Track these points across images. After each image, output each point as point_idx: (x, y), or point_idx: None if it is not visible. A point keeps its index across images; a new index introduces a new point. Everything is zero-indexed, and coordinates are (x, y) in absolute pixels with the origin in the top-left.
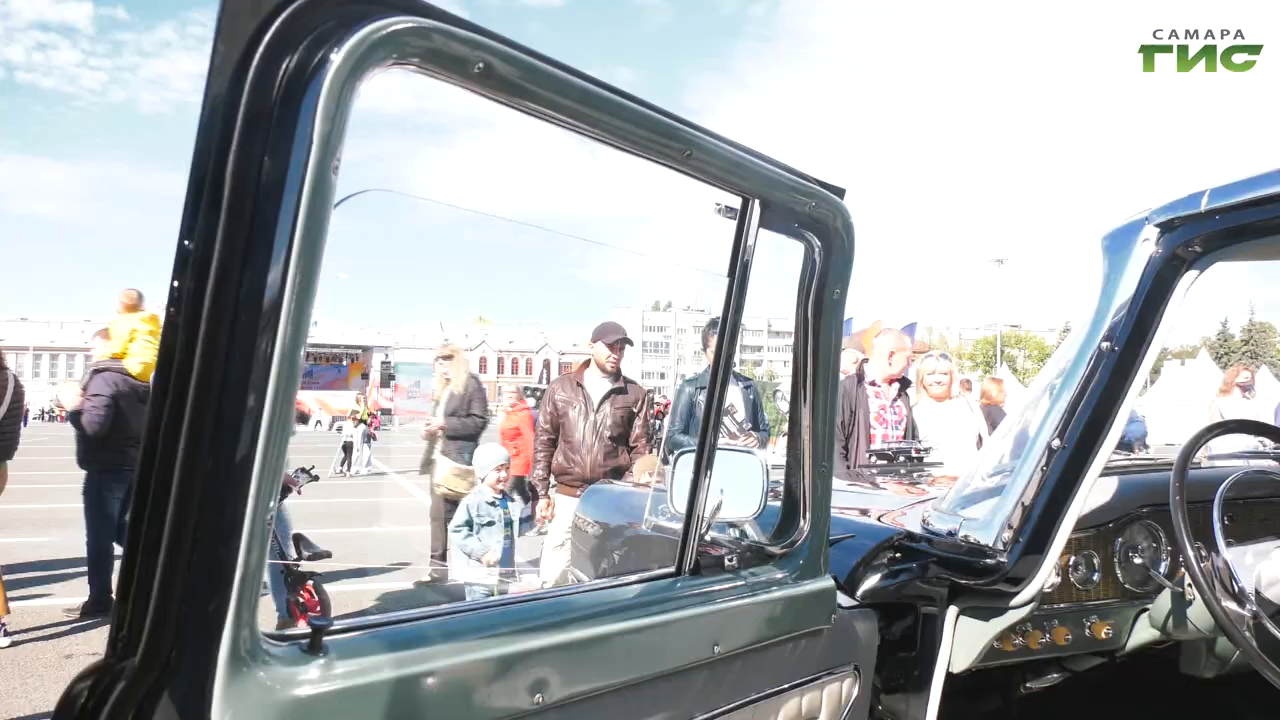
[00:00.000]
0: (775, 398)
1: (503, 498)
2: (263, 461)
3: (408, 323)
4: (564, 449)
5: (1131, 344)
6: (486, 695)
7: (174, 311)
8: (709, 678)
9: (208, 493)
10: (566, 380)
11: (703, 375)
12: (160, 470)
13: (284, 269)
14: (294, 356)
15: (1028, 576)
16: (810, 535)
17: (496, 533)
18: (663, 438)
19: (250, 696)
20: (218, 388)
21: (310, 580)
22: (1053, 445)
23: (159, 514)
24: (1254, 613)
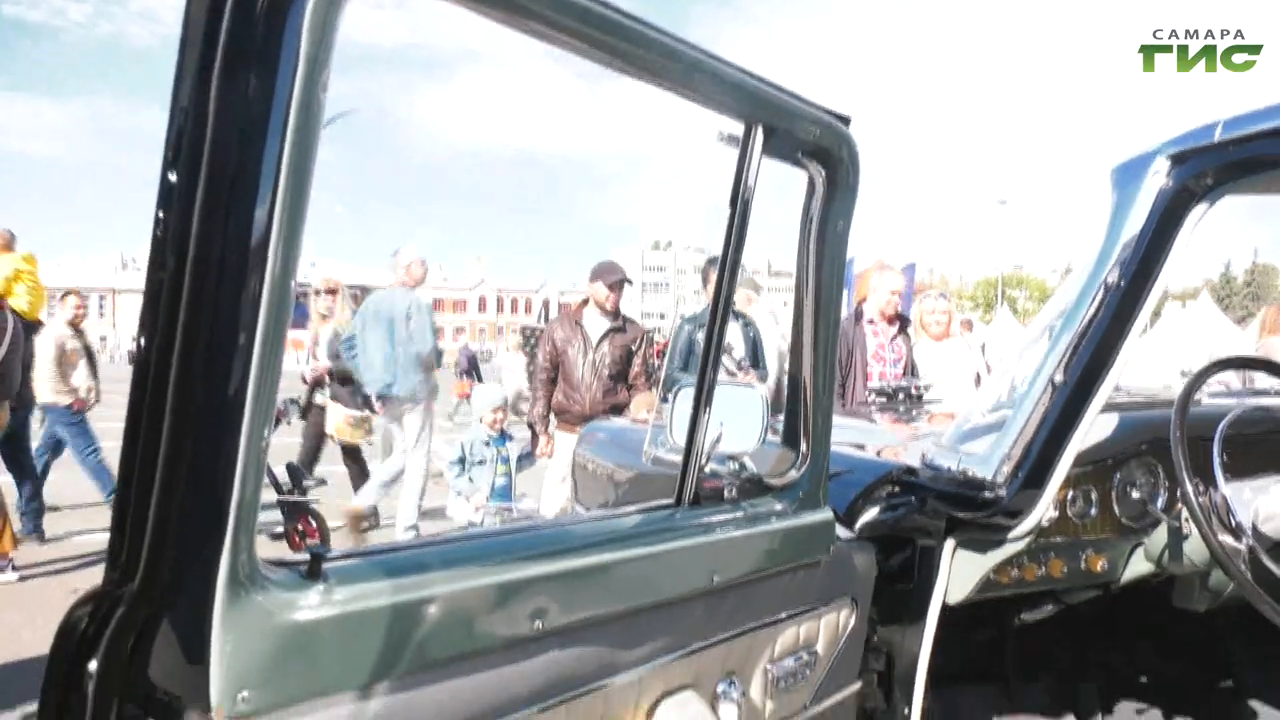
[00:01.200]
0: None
1: (500, 437)
2: (256, 392)
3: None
4: (563, 387)
5: (1138, 278)
6: (486, 621)
7: (161, 244)
8: (707, 607)
9: (202, 424)
10: (565, 319)
11: (702, 313)
12: (152, 402)
13: (273, 193)
14: (285, 284)
15: (1025, 510)
16: (810, 468)
17: (488, 472)
18: (661, 376)
19: (250, 621)
20: (209, 318)
21: (307, 509)
22: (1055, 380)
23: (152, 444)
24: (1250, 547)
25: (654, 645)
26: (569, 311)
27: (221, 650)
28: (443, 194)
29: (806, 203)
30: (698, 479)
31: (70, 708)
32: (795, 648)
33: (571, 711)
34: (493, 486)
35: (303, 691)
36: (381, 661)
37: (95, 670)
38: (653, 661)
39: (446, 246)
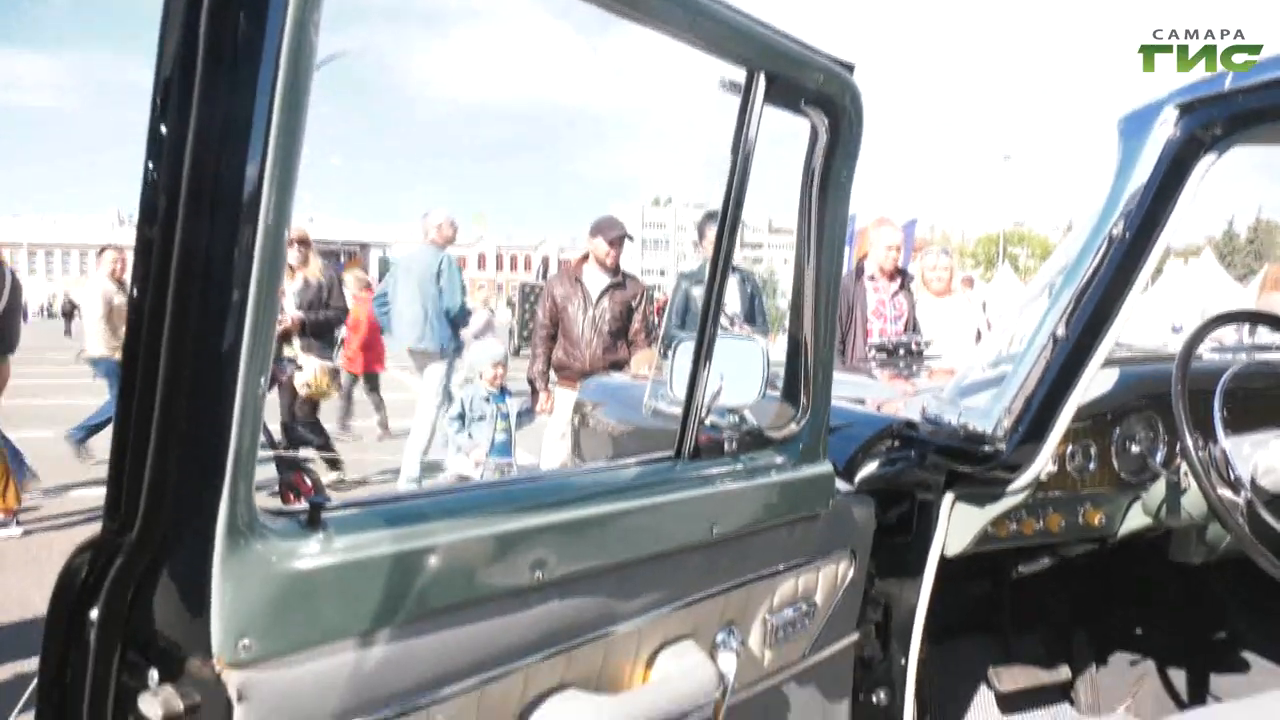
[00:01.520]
0: (775, 295)
1: (500, 393)
2: (251, 340)
3: (404, 219)
4: (563, 344)
5: (1143, 231)
6: (486, 571)
7: (151, 192)
8: (707, 558)
9: (197, 374)
10: (565, 275)
11: (698, 270)
12: (147, 352)
13: (265, 137)
14: (279, 229)
15: (1025, 464)
16: (810, 421)
17: (487, 428)
18: (660, 334)
19: (250, 570)
20: (201, 266)
21: (300, 466)
22: (1057, 334)
23: (148, 393)
24: (1248, 500)
25: (653, 596)
26: (569, 268)
27: (222, 598)
28: (441, 150)
29: (809, 153)
30: (697, 432)
31: (72, 656)
32: (794, 599)
33: (572, 660)
34: (492, 442)
35: (304, 639)
36: (382, 610)
37: (96, 619)
38: (652, 612)
39: (445, 203)
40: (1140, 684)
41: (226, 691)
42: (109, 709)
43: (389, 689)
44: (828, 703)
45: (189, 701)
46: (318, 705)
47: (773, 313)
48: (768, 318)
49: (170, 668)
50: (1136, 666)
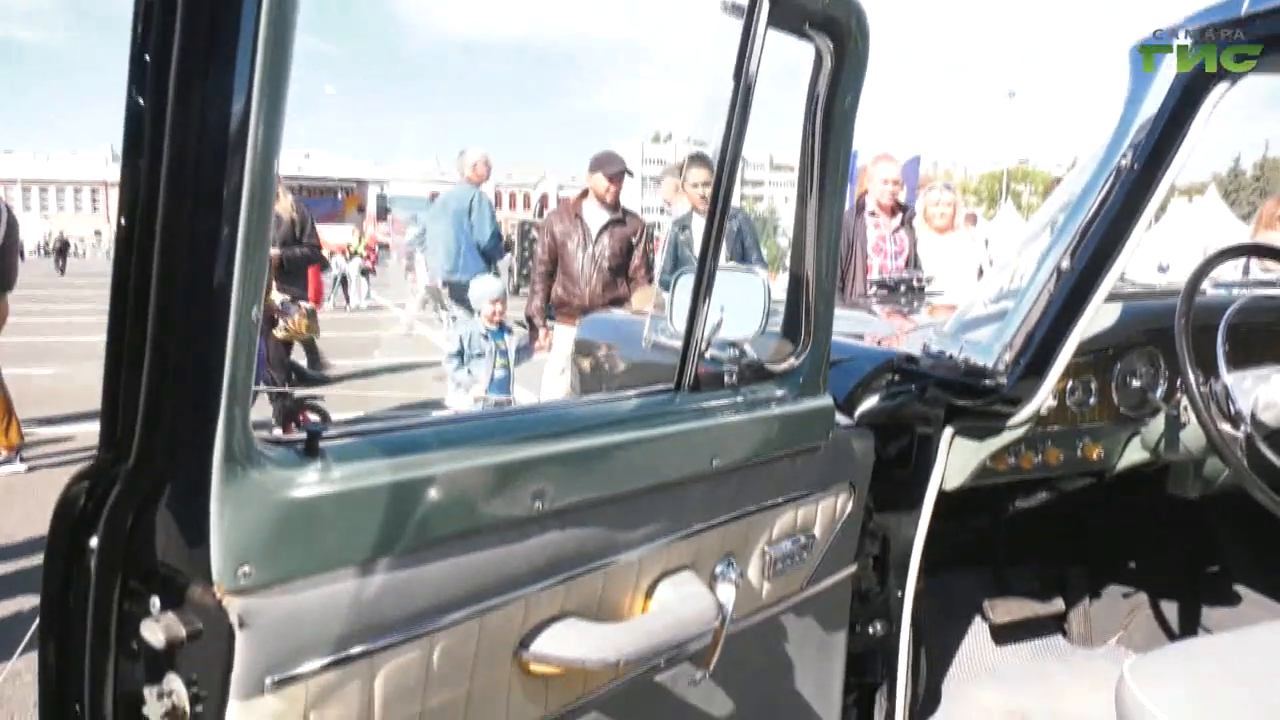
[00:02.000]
0: (775, 233)
1: (498, 329)
2: (244, 267)
3: (403, 156)
4: (562, 280)
5: (1152, 161)
6: (486, 501)
7: (136, 119)
8: (707, 490)
9: (188, 303)
10: (565, 211)
11: (684, 216)
12: (137, 280)
13: (252, 62)
14: (268, 158)
15: (1025, 398)
16: (811, 354)
17: (486, 365)
18: (656, 276)
19: (247, 498)
20: (190, 192)
21: (308, 404)
22: (1061, 267)
23: (139, 321)
24: (1248, 434)
25: (653, 527)
26: (568, 204)
27: (220, 526)
28: (438, 86)
29: (813, 79)
30: (697, 365)
31: (73, 584)
32: (793, 531)
33: (571, 590)
34: (491, 379)
35: (304, 567)
36: (381, 538)
37: (95, 547)
38: (652, 542)
39: (442, 140)
40: (1132, 616)
41: (228, 618)
42: (112, 636)
43: (390, 616)
44: (825, 633)
45: (191, 628)
46: (319, 632)
47: (773, 250)
48: (763, 255)
49: (171, 595)
50: (1129, 599)
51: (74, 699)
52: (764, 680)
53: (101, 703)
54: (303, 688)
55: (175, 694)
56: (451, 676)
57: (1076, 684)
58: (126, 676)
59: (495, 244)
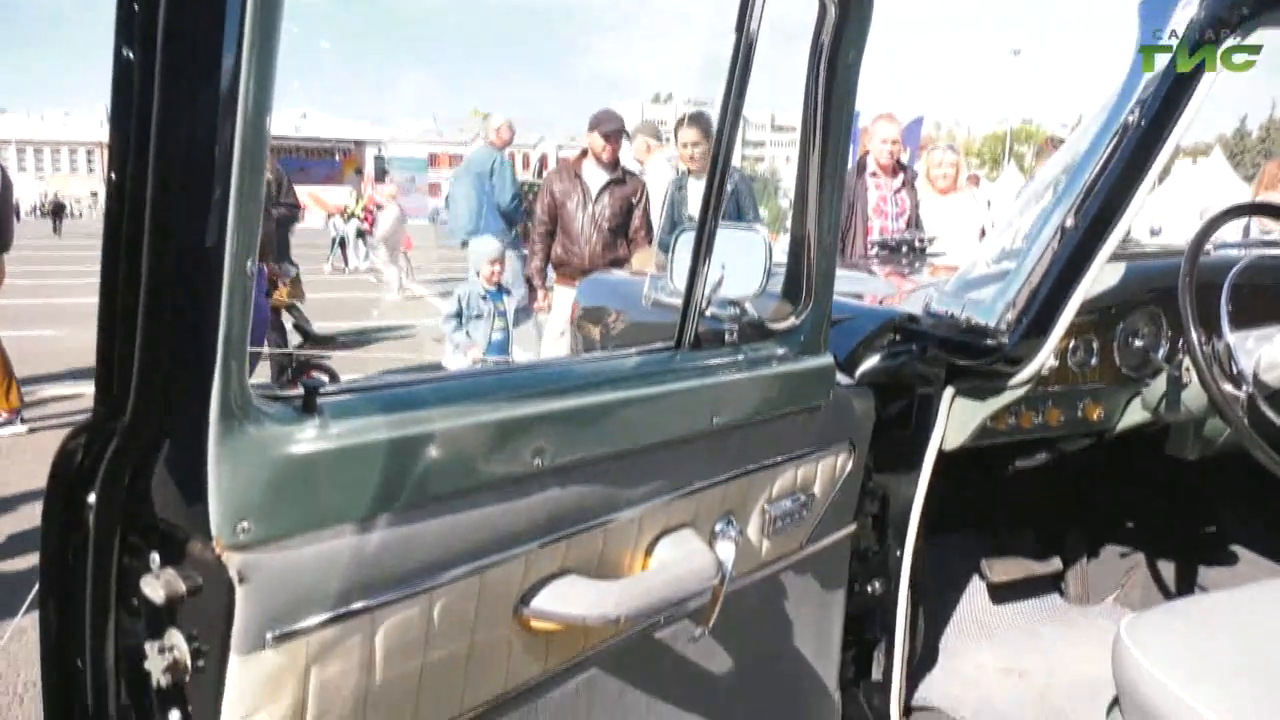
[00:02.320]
0: (777, 194)
1: (496, 290)
2: (237, 219)
3: (401, 116)
4: (562, 241)
5: (1160, 118)
6: (486, 458)
7: (125, 77)
8: (707, 448)
9: (181, 256)
10: (564, 171)
11: (680, 177)
12: (129, 236)
13: (242, 10)
14: (261, 109)
15: (1027, 358)
16: (812, 313)
17: (484, 326)
18: (655, 236)
19: (245, 453)
20: (182, 145)
21: (314, 365)
22: (1065, 225)
23: (133, 274)
24: (1249, 394)
25: (653, 485)
26: (567, 164)
27: (218, 481)
28: (436, 44)
29: (816, 32)
30: (698, 323)
31: (72, 540)
32: (793, 490)
33: (571, 547)
34: (489, 341)
35: (303, 523)
36: (380, 495)
37: (94, 503)
38: (652, 500)
39: (441, 99)
40: (1129, 576)
41: (228, 573)
42: (111, 592)
43: (390, 572)
44: (824, 591)
45: (191, 584)
46: (319, 587)
47: (773, 211)
48: (760, 217)
49: (171, 551)
50: (1126, 559)
51: (75, 654)
52: (763, 637)
53: (103, 658)
54: (303, 643)
55: (176, 649)
56: (452, 632)
57: (1073, 642)
58: (127, 632)
59: (516, 206)
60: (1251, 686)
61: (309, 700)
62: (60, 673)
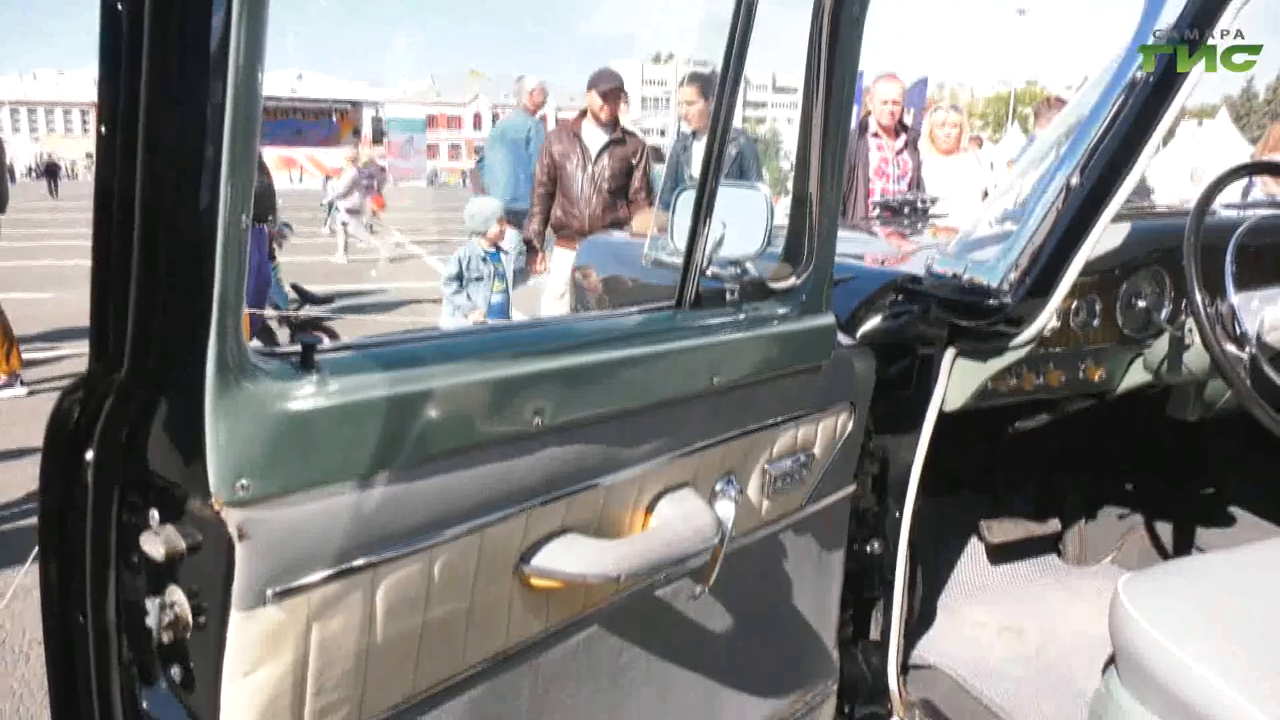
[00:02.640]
0: (779, 156)
1: (495, 251)
2: (231, 169)
3: (398, 77)
4: (562, 202)
5: (1171, 71)
6: (485, 416)
7: (113, 27)
8: (707, 408)
9: (175, 210)
10: (563, 131)
11: (684, 135)
12: (121, 191)
13: None
14: (253, 58)
15: (1029, 318)
16: (813, 272)
17: (485, 288)
18: (657, 197)
19: (243, 410)
20: (173, 97)
21: (318, 324)
22: (1070, 183)
23: (126, 229)
24: (1252, 355)
25: (654, 444)
26: (567, 125)
27: (216, 438)
28: (434, 2)
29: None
30: (698, 282)
31: (71, 497)
32: (793, 450)
33: (572, 506)
34: (489, 304)
35: (302, 480)
36: (380, 452)
37: (92, 460)
38: (652, 460)
39: (439, 59)
40: (1127, 537)
41: (227, 530)
42: (111, 549)
43: (390, 530)
44: (823, 551)
45: (190, 541)
46: (319, 544)
47: (774, 173)
48: (764, 177)
49: (170, 508)
50: (1124, 520)
51: (77, 611)
52: (763, 596)
53: (104, 615)
54: (304, 599)
55: (177, 605)
56: (453, 590)
57: (1070, 601)
58: (128, 588)
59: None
60: (1248, 645)
61: (310, 656)
62: (62, 629)
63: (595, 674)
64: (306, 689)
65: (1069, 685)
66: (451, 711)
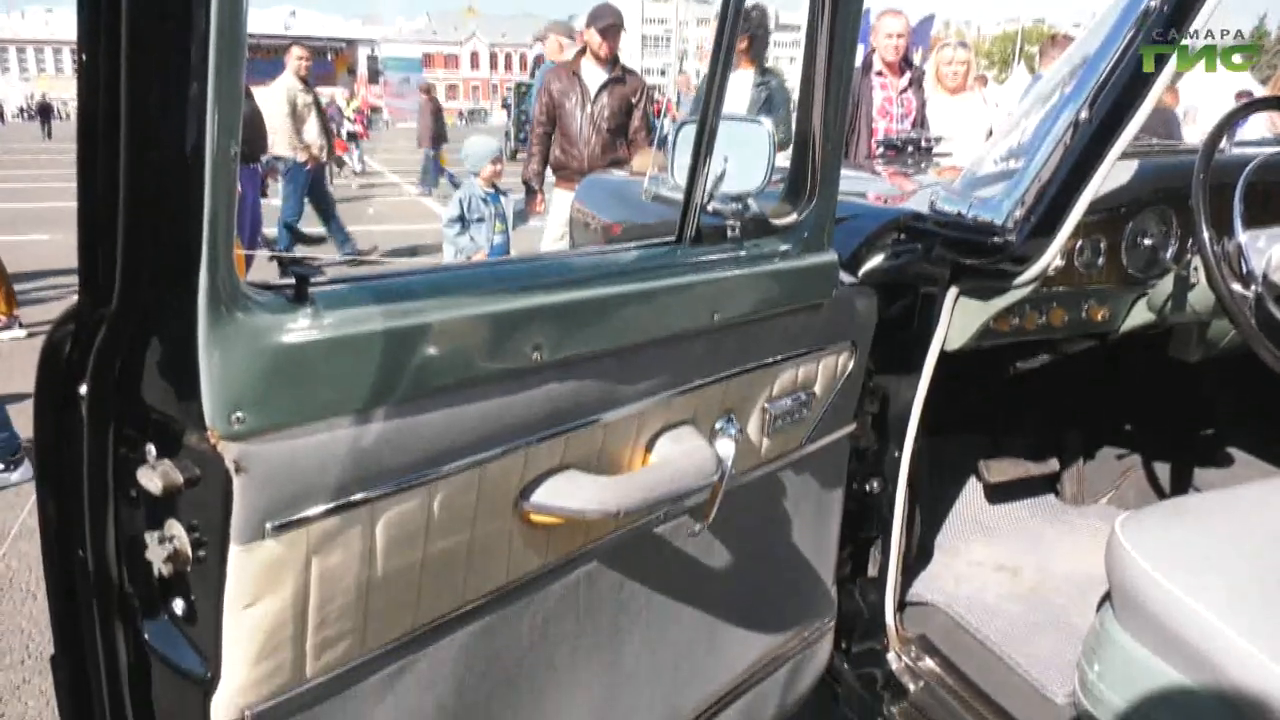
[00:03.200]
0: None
1: (494, 193)
2: (218, 96)
3: (394, 14)
4: (560, 142)
5: (1184, 2)
6: (483, 351)
7: None
8: (707, 345)
9: (161, 138)
10: (562, 70)
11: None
12: (106, 117)
13: None
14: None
15: (1034, 257)
16: (816, 209)
17: (487, 229)
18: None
19: (236, 342)
20: (156, 21)
21: (310, 262)
22: (1079, 118)
23: (110, 156)
24: (1258, 294)
25: (653, 381)
26: (565, 63)
27: (210, 371)
28: None
29: None
30: (699, 218)
31: (66, 431)
32: (793, 388)
33: (571, 442)
34: (491, 244)
35: (298, 414)
36: (376, 387)
37: (86, 394)
38: (652, 397)
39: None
40: (1125, 477)
41: (224, 464)
42: (109, 484)
43: (389, 465)
44: (822, 490)
45: (188, 475)
46: (318, 478)
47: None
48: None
49: (167, 442)
50: (1123, 460)
51: (76, 546)
52: (762, 534)
53: (104, 550)
54: (304, 533)
55: (177, 539)
56: (452, 525)
57: (1067, 540)
58: (127, 523)
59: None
60: (1244, 582)
61: (311, 590)
62: (63, 564)
63: (595, 610)
64: (308, 622)
65: (1064, 622)
66: (452, 645)
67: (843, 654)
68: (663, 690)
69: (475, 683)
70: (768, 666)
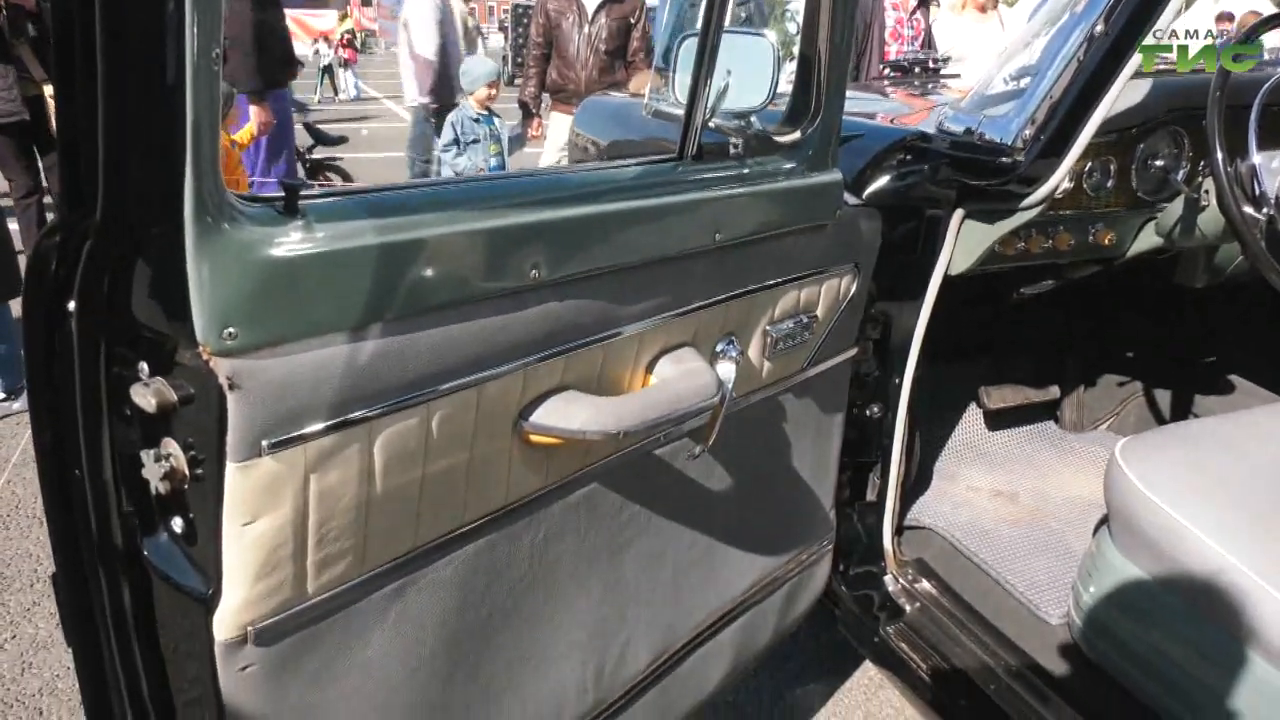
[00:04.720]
0: (784, 19)
1: (488, 115)
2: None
3: None
4: (557, 64)
5: None
6: (480, 268)
7: None
8: (709, 265)
9: (140, 43)
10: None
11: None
12: (82, 22)
13: None
14: None
15: (1042, 178)
16: (820, 126)
17: (483, 151)
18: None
19: (224, 255)
20: None
21: (328, 169)
22: (1095, 31)
23: (88, 60)
24: (1270, 217)
25: (654, 302)
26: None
27: (199, 286)
28: None
29: None
30: (701, 134)
31: (56, 348)
32: (795, 311)
33: (571, 362)
34: (487, 166)
35: (292, 330)
36: (371, 303)
37: (74, 310)
38: (653, 317)
39: None
40: (1125, 404)
41: (217, 380)
42: (103, 402)
43: (386, 383)
44: (823, 414)
45: (182, 392)
46: (314, 396)
47: (780, 34)
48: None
49: (159, 359)
50: (1124, 388)
51: (73, 465)
52: (762, 457)
53: (100, 468)
54: (301, 451)
55: (173, 457)
56: (451, 444)
57: (1065, 465)
58: (123, 441)
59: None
60: (1241, 506)
61: (310, 508)
62: (59, 483)
63: (594, 530)
64: (308, 540)
65: (1060, 546)
66: (452, 563)
67: (840, 576)
68: (662, 610)
69: (476, 600)
70: (767, 588)
